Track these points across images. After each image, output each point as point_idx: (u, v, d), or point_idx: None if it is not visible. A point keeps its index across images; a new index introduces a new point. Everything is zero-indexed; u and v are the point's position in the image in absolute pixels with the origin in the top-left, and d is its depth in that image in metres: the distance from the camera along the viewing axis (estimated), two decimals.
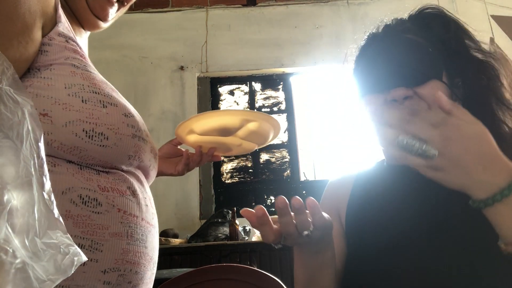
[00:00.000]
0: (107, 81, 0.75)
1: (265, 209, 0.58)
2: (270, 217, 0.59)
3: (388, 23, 0.80)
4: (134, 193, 0.68)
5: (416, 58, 0.69)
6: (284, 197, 0.56)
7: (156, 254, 0.73)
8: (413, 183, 0.70)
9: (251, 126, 1.02)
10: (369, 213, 0.76)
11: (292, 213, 0.57)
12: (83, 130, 0.61)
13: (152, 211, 0.74)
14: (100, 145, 0.63)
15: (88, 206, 0.60)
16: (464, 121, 0.52)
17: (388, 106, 0.69)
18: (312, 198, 0.59)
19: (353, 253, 0.76)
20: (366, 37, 0.79)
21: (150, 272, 0.71)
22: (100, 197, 0.62)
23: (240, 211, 0.61)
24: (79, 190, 0.60)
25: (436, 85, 0.68)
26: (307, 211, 0.59)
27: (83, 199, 0.60)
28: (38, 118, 0.36)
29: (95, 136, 0.62)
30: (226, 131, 1.02)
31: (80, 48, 0.71)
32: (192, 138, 1.03)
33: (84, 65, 0.69)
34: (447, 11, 0.76)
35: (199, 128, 1.01)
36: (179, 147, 1.13)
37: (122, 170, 0.69)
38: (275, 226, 0.59)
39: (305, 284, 0.70)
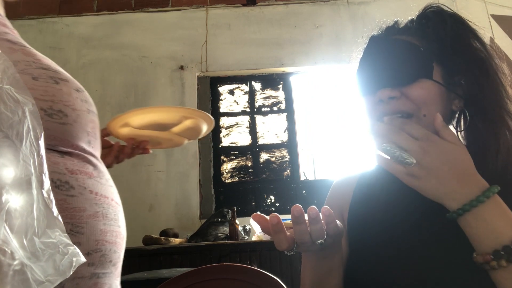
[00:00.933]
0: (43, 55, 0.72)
1: (279, 216, 0.59)
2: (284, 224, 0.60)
3: (388, 24, 0.80)
4: (100, 174, 0.67)
5: (405, 58, 0.69)
6: (300, 206, 0.57)
7: (125, 232, 0.73)
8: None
9: (188, 122, 1.03)
10: (370, 213, 0.76)
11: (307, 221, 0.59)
12: (41, 109, 0.59)
13: (116, 191, 0.74)
14: (61, 123, 0.61)
15: (61, 189, 0.58)
16: (447, 140, 0.58)
17: (376, 107, 0.71)
18: (327, 207, 0.60)
19: (354, 252, 0.76)
20: (367, 39, 0.80)
21: (123, 250, 0.72)
22: (71, 180, 0.60)
23: (252, 216, 0.62)
24: (50, 174, 0.57)
25: (425, 84, 0.68)
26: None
27: (55, 182, 0.58)
28: (39, 116, 0.36)
29: (55, 114, 0.60)
30: (162, 126, 1.03)
31: (7, 21, 0.68)
32: (125, 131, 1.02)
33: (18, 40, 0.66)
34: (447, 7, 0.75)
35: (136, 122, 1.00)
36: (106, 138, 1.10)
37: (82, 151, 0.67)
38: (288, 233, 0.59)
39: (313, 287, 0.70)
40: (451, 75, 0.71)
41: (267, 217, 0.61)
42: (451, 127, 0.74)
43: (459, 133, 0.73)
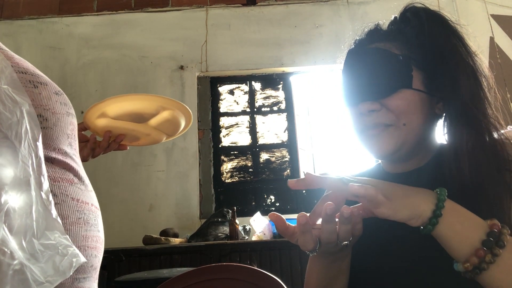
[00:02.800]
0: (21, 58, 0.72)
1: (307, 216, 0.58)
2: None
3: (371, 28, 0.79)
4: (80, 180, 0.67)
5: (384, 69, 0.69)
6: (334, 204, 0.56)
7: (103, 236, 0.74)
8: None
9: (166, 114, 1.01)
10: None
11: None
12: None
13: (94, 195, 0.74)
14: (41, 127, 0.60)
15: None
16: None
17: (358, 119, 0.72)
18: (358, 206, 0.59)
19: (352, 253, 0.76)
20: (346, 50, 0.79)
21: (102, 253, 0.73)
22: (54, 188, 0.60)
23: (269, 215, 0.61)
24: None
25: (404, 94, 0.68)
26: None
27: None
28: (36, 118, 0.36)
29: None
30: (139, 117, 1.01)
31: None
32: (102, 122, 1.00)
33: None
34: (425, 6, 0.74)
35: (112, 111, 0.98)
36: (83, 133, 1.09)
37: (64, 155, 0.67)
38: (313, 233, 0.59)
39: None
40: (433, 79, 0.70)
41: (283, 217, 0.60)
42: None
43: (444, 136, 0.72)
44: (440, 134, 0.73)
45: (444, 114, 0.72)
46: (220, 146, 3.48)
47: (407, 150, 0.70)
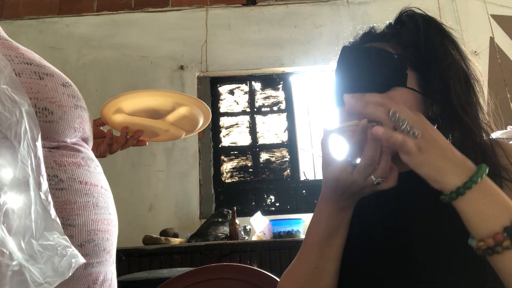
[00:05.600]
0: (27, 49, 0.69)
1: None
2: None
3: (366, 30, 0.80)
4: (88, 162, 0.66)
5: (378, 67, 0.69)
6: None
7: (116, 218, 0.72)
8: (402, 183, 0.70)
9: (182, 110, 0.99)
10: (365, 209, 0.76)
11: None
12: None
13: (104, 177, 0.72)
14: (46, 121, 0.58)
15: (50, 183, 0.57)
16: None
17: (350, 118, 0.69)
18: None
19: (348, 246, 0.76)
20: (340, 50, 0.80)
21: (116, 236, 0.71)
22: (60, 173, 0.59)
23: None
24: None
25: (399, 93, 0.67)
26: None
27: None
28: (35, 117, 0.36)
29: (39, 112, 0.57)
30: (156, 114, 0.98)
31: None
32: (119, 118, 0.98)
33: None
34: (421, 10, 0.75)
35: (128, 107, 0.96)
36: (102, 128, 1.07)
37: (68, 143, 0.65)
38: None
39: (321, 241, 0.68)
40: (427, 81, 0.70)
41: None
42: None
43: None
44: None
45: (436, 116, 0.72)
46: (220, 146, 3.48)
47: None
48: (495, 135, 0.70)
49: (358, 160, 0.58)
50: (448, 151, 0.55)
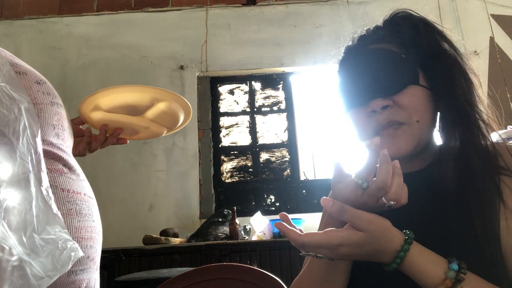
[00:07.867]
0: None
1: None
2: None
3: (362, 33, 0.81)
4: (71, 170, 0.65)
5: (391, 67, 0.70)
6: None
7: (101, 225, 0.71)
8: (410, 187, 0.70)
9: (161, 106, 0.97)
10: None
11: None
12: None
13: (88, 184, 0.71)
14: None
15: None
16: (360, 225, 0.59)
17: (369, 119, 0.71)
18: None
19: None
20: (342, 50, 0.80)
21: (101, 243, 0.71)
22: None
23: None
24: None
25: (414, 91, 0.69)
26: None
27: None
28: (35, 114, 0.36)
29: None
30: (135, 110, 0.97)
31: None
32: (97, 115, 0.96)
33: None
34: (415, 12, 0.76)
35: (106, 104, 0.94)
36: (81, 127, 1.05)
37: (50, 146, 0.64)
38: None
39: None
40: (432, 78, 0.72)
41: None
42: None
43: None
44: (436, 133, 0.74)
45: (441, 113, 0.73)
46: (220, 146, 3.48)
47: (420, 148, 0.71)
48: (495, 135, 0.70)
49: (367, 182, 0.58)
50: (369, 249, 0.58)
